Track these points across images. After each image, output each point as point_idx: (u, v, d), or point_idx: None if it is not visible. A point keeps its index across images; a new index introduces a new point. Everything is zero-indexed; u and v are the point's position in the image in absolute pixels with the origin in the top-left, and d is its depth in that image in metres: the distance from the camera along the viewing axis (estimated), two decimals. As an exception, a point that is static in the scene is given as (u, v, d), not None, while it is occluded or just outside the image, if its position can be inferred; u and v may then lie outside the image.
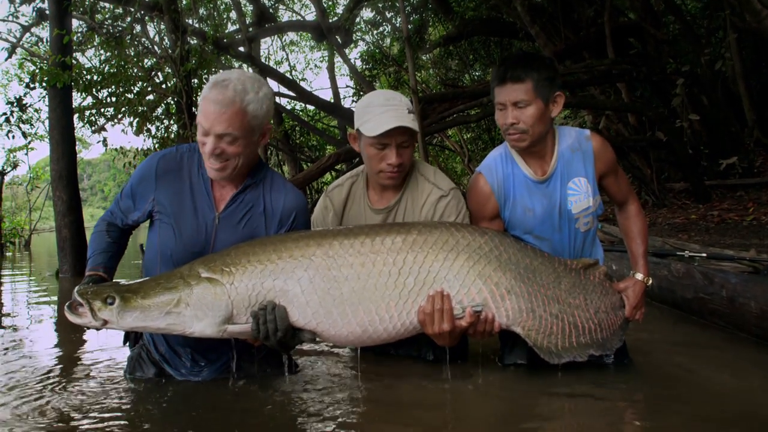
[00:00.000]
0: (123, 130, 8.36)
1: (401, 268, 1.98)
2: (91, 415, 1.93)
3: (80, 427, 1.83)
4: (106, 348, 2.90)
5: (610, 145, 2.38)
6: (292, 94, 13.29)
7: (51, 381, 2.33)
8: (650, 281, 2.37)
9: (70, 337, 3.32)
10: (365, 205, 2.45)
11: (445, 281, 1.99)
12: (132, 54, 8.54)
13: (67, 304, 1.86)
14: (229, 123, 1.98)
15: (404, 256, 1.99)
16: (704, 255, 3.76)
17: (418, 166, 2.46)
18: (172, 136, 8.30)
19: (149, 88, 8.08)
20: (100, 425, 1.84)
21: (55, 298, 5.30)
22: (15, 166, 13.36)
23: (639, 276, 2.35)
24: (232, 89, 1.99)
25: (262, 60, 14.47)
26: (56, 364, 2.66)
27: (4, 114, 9.68)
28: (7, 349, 3.05)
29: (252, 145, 2.09)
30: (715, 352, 2.70)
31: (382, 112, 2.22)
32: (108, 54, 8.83)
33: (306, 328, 1.95)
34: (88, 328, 1.89)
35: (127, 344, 2.38)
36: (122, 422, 1.87)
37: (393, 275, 1.97)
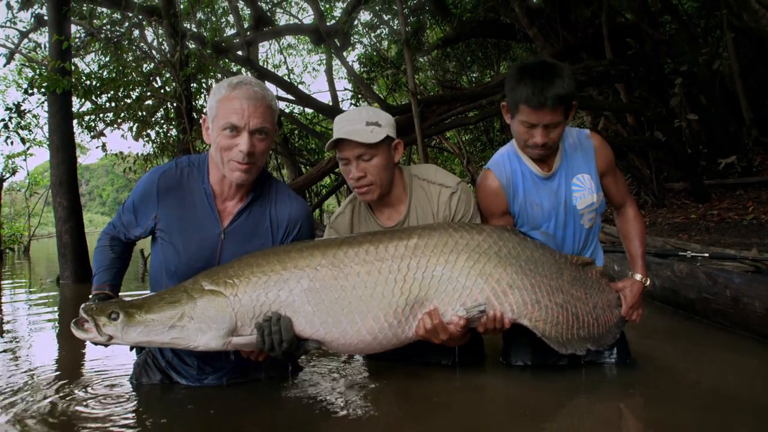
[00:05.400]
0: (122, 135, 8.39)
1: (406, 274, 1.99)
2: (97, 420, 1.93)
3: (86, 431, 1.84)
4: (111, 355, 2.90)
5: (608, 144, 2.43)
6: (290, 97, 13.27)
7: (56, 387, 2.33)
8: (648, 282, 2.41)
9: (74, 344, 3.30)
10: (375, 225, 2.40)
11: (448, 283, 2.01)
12: (131, 59, 8.53)
13: (73, 320, 1.89)
14: (263, 117, 2.02)
15: (408, 262, 2.01)
16: (706, 255, 3.77)
17: (417, 172, 2.41)
18: (172, 140, 8.31)
19: (148, 93, 8.08)
20: (106, 430, 1.84)
21: (56, 305, 5.29)
22: (14, 172, 13.37)
23: (638, 276, 2.40)
24: (256, 86, 2.04)
25: (260, 64, 14.48)
26: (61, 371, 2.66)
27: (3, 120, 9.69)
28: (10, 356, 3.04)
29: (271, 145, 2.12)
30: (719, 353, 2.71)
31: (337, 129, 2.23)
32: (107, 59, 8.84)
33: (313, 338, 1.95)
34: (95, 343, 1.91)
35: (134, 350, 2.38)
36: (129, 427, 1.87)
37: (399, 282, 1.98)
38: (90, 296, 2.14)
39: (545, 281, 2.12)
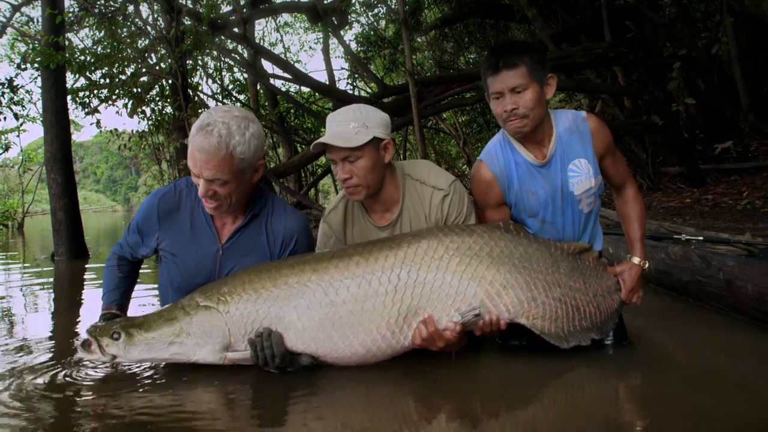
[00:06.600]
0: (117, 112, 8.32)
1: (397, 284, 2.00)
2: (96, 395, 1.94)
3: (90, 407, 1.84)
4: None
5: (606, 125, 2.39)
6: (287, 76, 13.15)
7: (52, 362, 2.33)
8: (647, 265, 2.40)
9: (69, 320, 3.32)
10: (367, 223, 2.37)
11: (441, 290, 2.01)
12: (125, 35, 8.42)
13: (80, 342, 2.00)
14: (216, 169, 1.99)
15: (398, 272, 2.00)
16: (700, 238, 3.80)
17: (410, 171, 2.35)
18: (167, 118, 8.25)
19: (143, 70, 8.00)
20: (106, 404, 1.85)
21: (51, 281, 5.28)
22: (7, 148, 13.30)
23: (636, 260, 2.38)
24: (216, 135, 1.97)
25: (257, 41, 14.31)
26: (57, 347, 2.66)
27: (-4, 95, 9.59)
28: (5, 333, 3.04)
29: (245, 182, 2.12)
30: (712, 335, 2.73)
31: (326, 129, 2.21)
32: (101, 34, 8.73)
33: (306, 353, 1.99)
34: (103, 363, 2.00)
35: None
36: (129, 400, 1.88)
37: (390, 293, 1.98)
38: (99, 317, 2.28)
39: (541, 277, 2.10)
